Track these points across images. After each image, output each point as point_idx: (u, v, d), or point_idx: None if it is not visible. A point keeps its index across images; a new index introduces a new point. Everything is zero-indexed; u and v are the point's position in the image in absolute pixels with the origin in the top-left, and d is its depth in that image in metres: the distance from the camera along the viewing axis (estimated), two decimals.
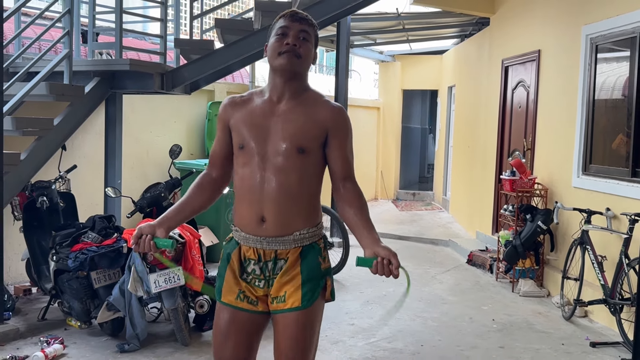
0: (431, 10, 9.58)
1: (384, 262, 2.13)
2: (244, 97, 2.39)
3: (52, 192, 5.24)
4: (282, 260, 2.31)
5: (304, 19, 2.32)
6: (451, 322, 5.36)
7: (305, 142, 2.26)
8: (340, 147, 2.31)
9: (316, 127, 2.28)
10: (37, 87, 5.08)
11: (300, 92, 2.33)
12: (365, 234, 2.23)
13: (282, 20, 2.31)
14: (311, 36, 2.32)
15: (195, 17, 6.44)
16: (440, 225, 10.37)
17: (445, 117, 12.24)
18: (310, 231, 2.33)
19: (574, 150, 5.98)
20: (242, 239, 2.35)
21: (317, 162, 2.32)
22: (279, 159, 2.25)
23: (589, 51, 5.79)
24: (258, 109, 2.31)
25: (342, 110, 2.35)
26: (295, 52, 2.25)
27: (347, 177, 2.34)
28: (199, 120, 8.20)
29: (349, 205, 2.31)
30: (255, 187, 2.27)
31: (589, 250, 5.22)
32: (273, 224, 2.27)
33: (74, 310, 4.67)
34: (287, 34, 2.27)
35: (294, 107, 2.30)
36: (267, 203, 2.26)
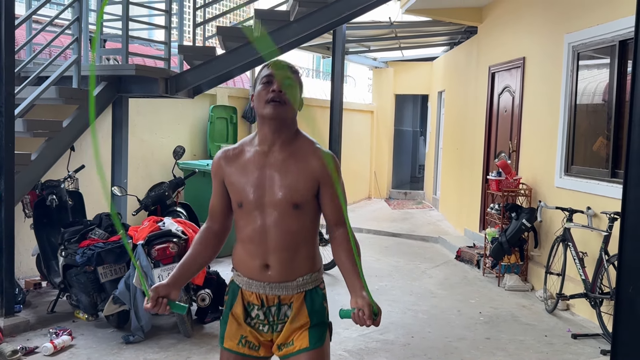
0: (422, 19, 9.57)
1: (359, 314, 2.09)
2: (236, 149, 2.30)
3: (61, 191, 5.22)
4: (285, 305, 2.25)
5: (287, 67, 2.25)
6: (440, 315, 5.36)
7: (299, 198, 2.19)
8: (332, 196, 2.23)
9: (308, 180, 2.20)
10: (47, 91, 5.07)
11: (291, 141, 2.24)
12: (351, 281, 2.18)
13: (265, 69, 2.25)
14: (295, 82, 2.25)
15: (198, 25, 6.42)
16: (431, 223, 10.37)
17: (436, 121, 12.24)
18: (312, 276, 2.27)
19: (557, 152, 5.98)
20: (244, 283, 2.27)
21: (313, 212, 2.26)
22: (276, 212, 2.19)
23: (571, 58, 5.80)
24: (250, 163, 2.23)
25: (334, 158, 2.24)
26: (281, 99, 2.18)
27: (338, 223, 2.27)
28: (202, 122, 8.19)
29: (340, 250, 2.25)
30: (256, 239, 2.21)
31: (570, 247, 5.22)
32: (278, 271, 2.21)
33: (81, 303, 4.66)
34: (272, 82, 2.20)
35: (286, 159, 2.21)
36: (271, 252, 2.21)
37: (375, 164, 13.87)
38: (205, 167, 7.05)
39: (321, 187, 2.22)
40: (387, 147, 13.98)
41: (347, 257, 2.21)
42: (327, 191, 2.23)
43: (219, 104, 8.33)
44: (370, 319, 2.06)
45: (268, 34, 5.64)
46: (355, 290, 2.14)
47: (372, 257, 7.68)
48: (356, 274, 2.17)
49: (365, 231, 9.58)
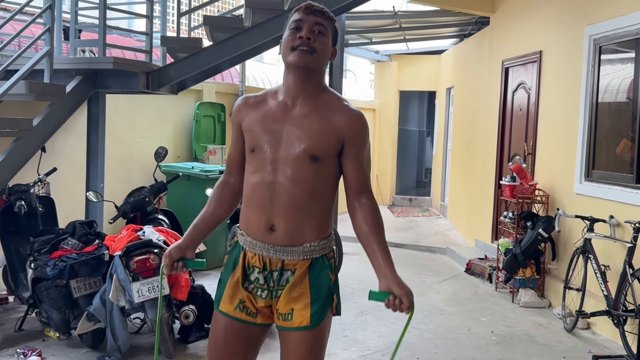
0: (429, 9, 9.60)
1: (395, 302, 2.15)
2: (258, 97, 2.34)
3: (30, 196, 5.20)
4: (288, 271, 2.26)
5: (320, 11, 2.24)
6: (448, 334, 5.35)
7: (319, 151, 2.20)
8: (357, 157, 2.25)
9: (332, 135, 2.21)
10: (16, 85, 5.03)
11: (316, 94, 2.26)
12: (381, 263, 2.21)
13: (297, 13, 2.25)
14: (328, 30, 2.24)
15: (183, 14, 6.42)
16: (438, 233, 10.37)
17: (444, 120, 12.27)
18: (321, 243, 2.28)
19: (577, 155, 5.99)
20: (247, 244, 2.30)
21: (332, 172, 2.26)
22: (291, 167, 2.20)
23: (592, 52, 5.81)
24: (271, 113, 2.26)
25: (362, 117, 2.28)
26: (309, 47, 2.18)
27: (362, 191, 2.29)
28: (186, 121, 8.18)
29: (364, 224, 2.27)
30: (265, 195, 2.23)
31: (591, 260, 5.22)
32: (283, 233, 2.23)
33: (52, 320, 4.64)
34: (301, 28, 2.20)
35: (309, 112, 2.23)
36: (278, 212, 2.22)
37: (377, 167, 13.88)
38: (190, 170, 7.03)
39: (345, 147, 2.23)
40: (391, 148, 14.00)
41: (374, 233, 2.25)
42: (351, 152, 2.24)
43: (205, 100, 8.32)
44: (408, 309, 2.14)
45: (257, 25, 5.64)
46: (389, 275, 2.18)
47: (373, 271, 7.66)
48: (387, 254, 2.21)
49: None
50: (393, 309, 2.15)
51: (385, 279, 2.18)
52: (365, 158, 2.29)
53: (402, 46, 13.19)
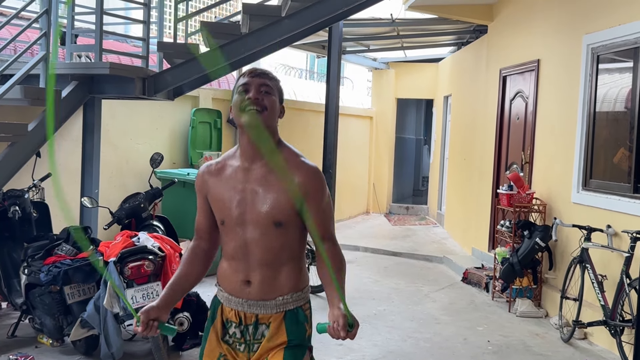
0: (427, 17, 9.64)
1: (334, 326, 2.18)
2: (219, 164, 2.43)
3: (24, 202, 5.20)
4: (263, 325, 2.37)
5: (264, 74, 2.37)
6: (444, 343, 5.35)
7: (282, 216, 2.31)
8: (317, 210, 2.34)
9: (291, 197, 2.31)
10: (12, 90, 5.05)
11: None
12: (329, 294, 2.29)
13: (242, 78, 2.37)
14: (274, 89, 2.36)
15: (180, 20, 6.44)
16: (435, 241, 10.38)
17: (441, 128, 12.29)
18: (294, 296, 2.38)
19: (574, 164, 6.01)
20: (224, 299, 2.42)
21: (297, 229, 2.37)
22: (258, 229, 2.32)
23: (590, 61, 5.85)
24: (232, 180, 2.36)
25: (317, 172, 2.36)
26: (259, 105, 2.28)
27: (325, 238, 2.38)
28: (183, 127, 8.19)
29: (323, 264, 2.36)
30: (239, 255, 2.35)
31: (588, 269, 5.24)
32: (258, 287, 2.34)
33: (45, 326, 4.63)
34: (248, 90, 2.31)
35: (267, 173, 2.32)
36: (252, 268, 2.34)
37: (374, 175, 13.90)
38: (186, 176, 7.04)
39: (305, 204, 2.33)
40: (388, 156, 14.02)
41: (326, 271, 2.33)
42: (311, 205, 2.34)
43: (201, 107, 8.33)
44: (344, 329, 2.17)
45: (254, 31, 5.66)
46: (333, 303, 2.26)
47: (370, 279, 7.68)
48: (335, 288, 2.27)
49: (362, 249, 9.58)
50: (334, 335, 2.18)
51: (330, 308, 2.25)
52: (326, 209, 2.38)
53: (399, 54, 13.24)
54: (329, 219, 2.41)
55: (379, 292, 7.04)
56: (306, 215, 2.34)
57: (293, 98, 11.16)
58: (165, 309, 2.37)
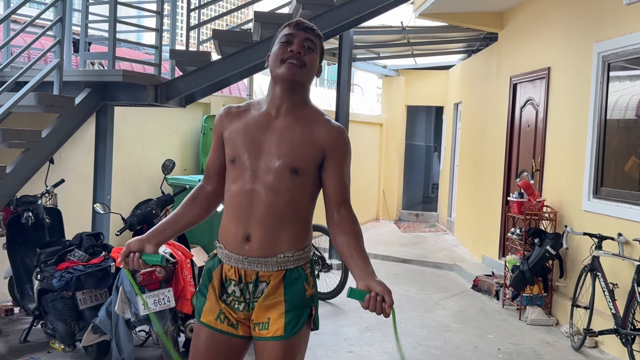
0: (437, 25, 9.66)
1: (377, 298, 2.11)
2: (241, 107, 2.38)
3: (38, 208, 5.24)
4: (263, 282, 2.28)
5: (310, 28, 2.31)
6: (455, 351, 5.34)
7: (299, 163, 2.23)
8: (337, 170, 2.28)
9: (313, 148, 2.25)
10: (26, 97, 5.09)
11: (300, 107, 2.31)
12: (360, 265, 2.19)
13: (287, 28, 2.31)
14: (317, 46, 2.31)
15: (192, 28, 6.48)
16: (445, 248, 10.36)
17: (451, 135, 12.28)
18: (296, 254, 2.29)
19: (585, 172, 5.99)
20: (224, 256, 2.33)
21: (311, 184, 2.29)
22: (270, 177, 2.23)
23: (601, 69, 5.83)
24: (253, 122, 2.30)
25: (343, 131, 2.31)
26: (299, 60, 2.24)
27: (342, 203, 2.30)
28: (194, 134, 8.23)
29: (343, 233, 2.28)
30: (243, 204, 2.26)
31: (599, 277, 5.21)
32: (257, 243, 2.26)
33: (58, 332, 4.65)
34: (291, 42, 2.26)
35: (291, 123, 2.27)
36: (254, 222, 2.25)
37: (384, 182, 13.89)
38: (197, 183, 7.05)
39: (326, 160, 2.27)
40: (398, 163, 14.02)
41: (352, 240, 2.24)
42: (332, 165, 2.27)
43: (212, 113, 8.37)
44: (390, 307, 2.10)
45: (265, 39, 5.69)
46: (368, 274, 2.16)
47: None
48: (365, 257, 2.20)
49: (372, 256, 9.52)
50: (372, 307, 2.10)
51: (364, 279, 2.16)
52: (346, 172, 2.33)
53: (409, 61, 13.25)
54: (348, 183, 2.34)
55: None
56: (325, 173, 2.27)
57: None
58: (149, 241, 2.29)
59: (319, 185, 2.33)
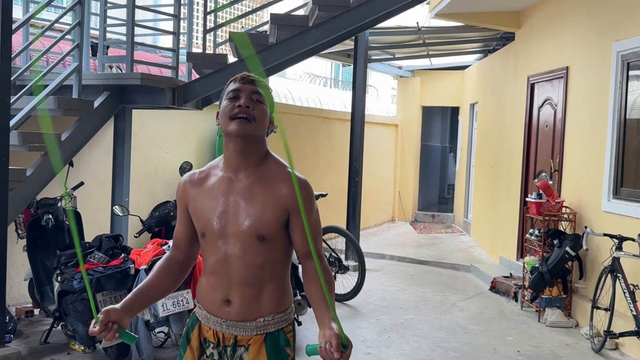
0: (453, 25, 9.62)
1: (326, 346, 2.06)
2: (202, 172, 2.32)
3: (57, 210, 5.29)
4: (242, 347, 2.26)
5: (256, 81, 2.26)
6: (473, 353, 5.31)
7: (266, 230, 2.20)
8: (302, 225, 2.21)
9: (276, 210, 2.20)
10: (45, 101, 5.15)
11: (258, 164, 2.24)
12: (318, 315, 2.18)
13: (233, 83, 2.26)
14: (264, 98, 2.25)
15: (208, 31, 6.51)
16: (461, 250, 10.31)
17: (467, 136, 12.23)
18: (276, 317, 2.27)
19: (604, 172, 5.95)
20: (203, 317, 2.31)
21: (282, 246, 2.27)
22: (239, 245, 2.21)
23: (620, 68, 5.79)
24: (215, 189, 2.25)
25: (305, 185, 2.24)
26: (248, 114, 2.18)
27: (308, 256, 2.26)
28: (210, 136, 8.27)
29: (308, 283, 2.26)
30: (220, 271, 2.24)
31: (620, 279, 5.17)
32: (238, 308, 2.23)
33: (78, 333, 4.69)
34: (239, 97, 2.20)
35: (252, 184, 2.21)
36: (233, 287, 2.23)
37: (399, 183, 13.86)
38: None
39: (291, 217, 2.22)
40: (413, 164, 13.98)
41: (315, 289, 2.22)
42: (297, 220, 2.22)
43: None
44: (338, 350, 2.04)
45: (281, 41, 5.71)
46: (324, 322, 2.13)
47: (396, 287, 7.66)
48: (325, 306, 2.16)
49: (388, 257, 9.56)
50: (324, 356, 2.05)
51: (322, 328, 2.13)
52: (314, 223, 2.26)
53: (425, 62, 13.22)
54: (317, 234, 2.28)
55: (406, 300, 7.01)
56: (292, 230, 2.23)
57: (318, 106, 11.19)
58: (127, 313, 2.21)
59: (289, 241, 2.29)
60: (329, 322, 2.11)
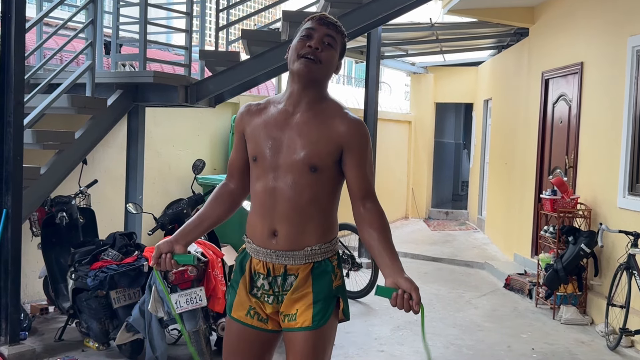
0: (467, 21, 9.57)
1: (404, 296, 2.11)
2: (261, 105, 2.39)
3: (71, 208, 5.32)
4: (292, 275, 2.31)
5: (333, 24, 2.29)
6: (488, 351, 5.29)
7: (318, 161, 2.24)
8: (358, 164, 2.27)
9: (331, 144, 2.25)
10: (59, 99, 5.19)
11: (317, 102, 2.31)
12: (388, 261, 2.19)
13: (309, 22, 2.30)
14: (337, 43, 2.29)
15: (221, 28, 6.52)
16: (475, 247, 10.27)
17: (481, 132, 12.17)
18: (322, 247, 2.32)
19: (620, 168, 5.89)
20: (252, 251, 2.36)
21: (332, 179, 2.30)
22: (291, 175, 2.25)
23: (636, 63, 5.73)
24: (273, 119, 2.31)
25: (360, 124, 2.29)
26: (315, 57, 2.23)
27: (366, 197, 2.29)
28: (223, 133, 8.28)
29: (370, 228, 2.26)
30: (267, 201, 2.29)
31: (635, 276, 5.12)
32: (284, 238, 2.28)
33: (92, 330, 4.72)
34: (311, 36, 2.25)
35: (309, 119, 2.27)
36: (279, 218, 2.28)
37: (413, 180, 13.82)
38: None
39: (345, 154, 2.26)
40: (427, 161, 13.93)
41: (379, 235, 2.23)
42: (352, 158, 2.26)
43: None
44: (418, 304, 2.10)
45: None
46: (396, 271, 2.15)
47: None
48: (393, 253, 2.19)
49: (401, 254, 9.48)
50: (400, 305, 2.11)
51: (392, 276, 2.15)
52: (367, 164, 2.31)
53: (438, 58, 13.16)
54: (371, 174, 2.32)
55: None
56: (346, 168, 2.26)
57: None
58: (178, 242, 2.33)
59: (340, 179, 2.33)
60: (403, 272, 2.15)
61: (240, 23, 7.02)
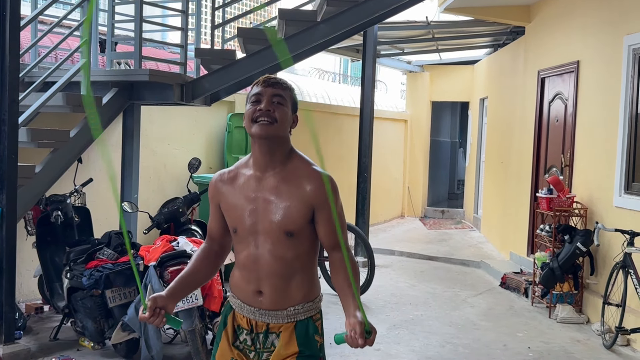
0: (463, 19, 9.58)
1: (351, 334, 2.17)
2: (232, 172, 2.45)
3: (67, 207, 5.31)
4: (273, 334, 2.40)
5: (277, 83, 2.36)
6: (484, 349, 5.30)
7: (293, 226, 2.32)
8: (328, 220, 2.34)
9: (303, 206, 2.32)
10: (54, 97, 5.17)
11: (284, 162, 2.36)
12: (344, 304, 2.29)
13: (255, 87, 2.36)
14: (286, 99, 2.35)
15: (216, 26, 6.51)
16: (471, 245, 10.28)
17: (477, 131, 12.19)
18: (305, 306, 2.40)
19: (616, 167, 5.91)
20: (236, 306, 2.45)
21: (309, 239, 2.38)
22: (270, 240, 2.33)
23: (632, 62, 5.74)
24: (245, 188, 2.37)
25: (328, 179, 2.30)
26: (270, 117, 2.29)
27: (334, 248, 2.38)
28: (219, 132, 8.27)
29: (336, 274, 2.36)
30: (251, 266, 2.37)
31: (632, 274, 5.14)
32: (269, 298, 2.37)
33: (87, 330, 4.71)
34: (260, 101, 2.32)
35: (279, 183, 2.33)
36: (263, 280, 2.36)
37: (409, 178, 13.83)
38: None
39: (316, 212, 2.34)
40: (422, 160, 13.95)
41: (342, 279, 2.34)
42: (322, 215, 2.34)
43: (237, 112, 8.41)
44: (362, 337, 2.16)
45: (290, 37, 5.70)
46: (349, 311, 2.25)
47: (406, 283, 7.64)
48: (350, 294, 2.28)
49: (397, 253, 9.54)
50: (351, 344, 2.17)
51: (347, 316, 2.24)
52: (339, 216, 2.34)
53: (434, 56, 13.17)
54: (343, 226, 2.37)
55: (415, 296, 7.00)
56: (317, 223, 2.34)
57: (327, 102, 11.18)
58: (172, 299, 2.37)
59: (317, 236, 2.41)
60: (354, 311, 2.23)
61: (236, 21, 7.01)
